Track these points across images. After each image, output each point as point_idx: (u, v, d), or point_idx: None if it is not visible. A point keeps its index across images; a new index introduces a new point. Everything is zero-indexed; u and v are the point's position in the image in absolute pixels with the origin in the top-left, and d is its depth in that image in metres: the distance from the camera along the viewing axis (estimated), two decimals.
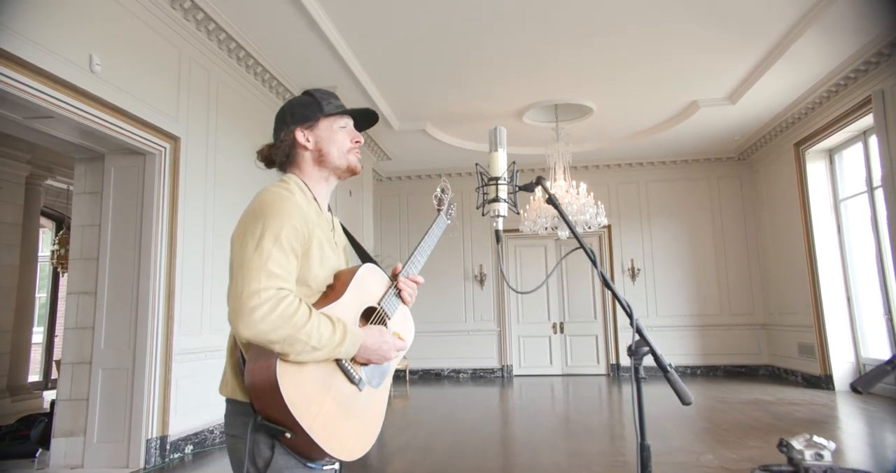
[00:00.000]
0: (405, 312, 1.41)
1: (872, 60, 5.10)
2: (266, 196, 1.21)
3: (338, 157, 1.34)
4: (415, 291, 1.40)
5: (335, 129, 1.35)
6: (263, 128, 5.21)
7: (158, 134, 3.82)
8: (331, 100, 1.37)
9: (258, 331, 1.06)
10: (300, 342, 1.08)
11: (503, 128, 1.42)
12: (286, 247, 1.15)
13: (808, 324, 6.68)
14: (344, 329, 1.16)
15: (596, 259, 1.20)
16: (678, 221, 8.29)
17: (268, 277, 1.10)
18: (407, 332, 1.39)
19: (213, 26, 4.23)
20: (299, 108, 1.35)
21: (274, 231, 1.14)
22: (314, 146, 1.33)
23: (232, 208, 4.64)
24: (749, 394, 6.19)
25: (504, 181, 1.34)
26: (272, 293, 1.09)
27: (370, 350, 1.21)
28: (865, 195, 6.01)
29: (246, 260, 1.12)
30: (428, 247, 1.47)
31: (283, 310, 1.08)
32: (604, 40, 4.80)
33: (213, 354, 4.26)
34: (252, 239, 1.14)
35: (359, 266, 1.30)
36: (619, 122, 6.83)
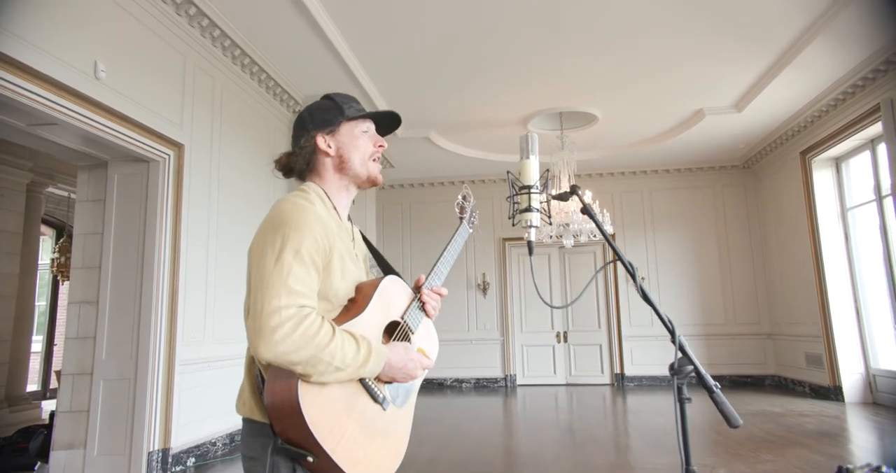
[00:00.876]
0: (429, 326, 1.35)
1: (881, 68, 5.07)
2: (285, 206, 1.16)
3: (360, 165, 1.29)
4: (438, 304, 1.35)
5: (357, 134, 1.30)
6: (267, 135, 5.19)
7: (162, 141, 3.78)
8: (352, 103, 1.32)
9: (279, 352, 1.00)
10: (323, 363, 1.02)
11: (535, 134, 1.37)
12: (307, 261, 1.09)
13: (816, 334, 6.61)
14: (368, 347, 1.10)
15: (636, 272, 1.14)
16: (682, 230, 8.24)
17: (288, 294, 1.04)
18: (431, 347, 1.34)
19: (218, 33, 4.20)
20: (319, 113, 1.30)
21: (294, 244, 1.09)
22: (336, 152, 1.28)
23: (236, 216, 4.60)
24: (757, 405, 6.11)
25: (536, 190, 1.28)
26: (293, 311, 1.03)
27: (395, 368, 1.16)
28: (874, 204, 5.96)
29: (265, 276, 1.06)
30: (451, 257, 1.41)
31: (305, 330, 1.02)
32: (610, 48, 4.77)
33: (215, 364, 4.19)
34: (271, 253, 1.08)
35: (381, 278, 1.24)
36: (625, 130, 6.80)
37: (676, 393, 1.06)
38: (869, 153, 6.03)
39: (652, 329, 8.15)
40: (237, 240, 4.59)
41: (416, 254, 8.58)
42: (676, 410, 1.03)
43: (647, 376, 8.08)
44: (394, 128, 1.41)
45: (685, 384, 1.08)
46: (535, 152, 1.33)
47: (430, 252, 8.21)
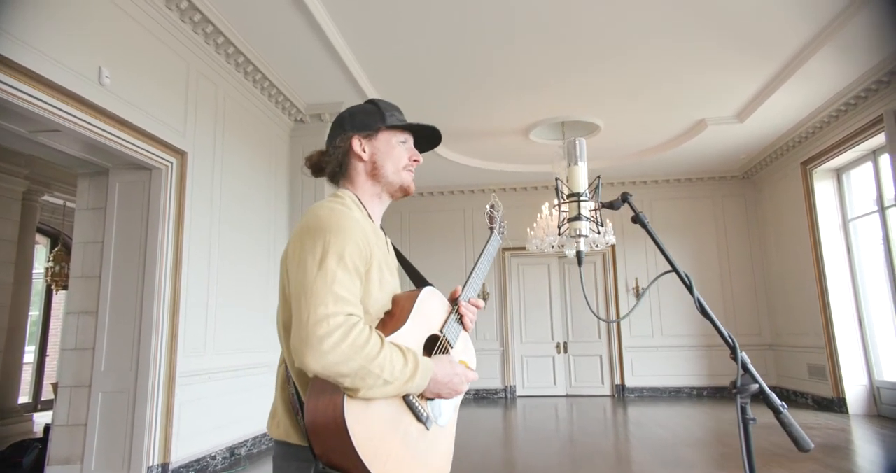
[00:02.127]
0: (466, 339, 1.30)
1: (884, 79, 5.08)
2: (322, 211, 1.10)
3: (392, 173, 1.24)
4: (476, 316, 1.29)
5: (394, 144, 1.26)
6: (269, 144, 5.13)
7: (165, 148, 3.71)
8: (394, 112, 1.28)
9: (328, 363, 0.94)
10: (372, 375, 0.96)
11: (582, 139, 1.32)
12: (350, 268, 1.04)
13: (819, 345, 6.58)
14: (415, 360, 1.04)
15: (692, 284, 1.09)
16: (683, 240, 8.22)
17: (335, 301, 0.98)
18: (471, 361, 1.28)
19: (222, 40, 4.16)
20: (360, 115, 1.26)
21: (337, 250, 1.03)
22: (369, 157, 1.24)
23: (237, 225, 4.53)
24: (762, 417, 5.92)
25: (586, 197, 1.23)
26: (341, 319, 0.97)
27: (441, 383, 1.09)
28: (876, 215, 5.97)
29: (308, 283, 1.00)
30: (485, 268, 1.36)
31: (355, 339, 0.96)
32: (613, 58, 4.76)
33: (217, 376, 4.10)
34: (313, 260, 1.02)
35: (419, 290, 1.19)
36: (627, 140, 6.80)
37: (740, 414, 1.00)
38: (871, 164, 6.04)
39: (652, 339, 8.11)
40: (239, 249, 4.52)
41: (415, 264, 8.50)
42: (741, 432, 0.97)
43: (648, 387, 8.02)
44: (433, 146, 1.36)
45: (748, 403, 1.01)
46: (583, 158, 1.28)
47: (429, 261, 8.14)
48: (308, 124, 5.55)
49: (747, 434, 0.98)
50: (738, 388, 1.01)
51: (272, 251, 5.09)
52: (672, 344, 8.04)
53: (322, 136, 4.97)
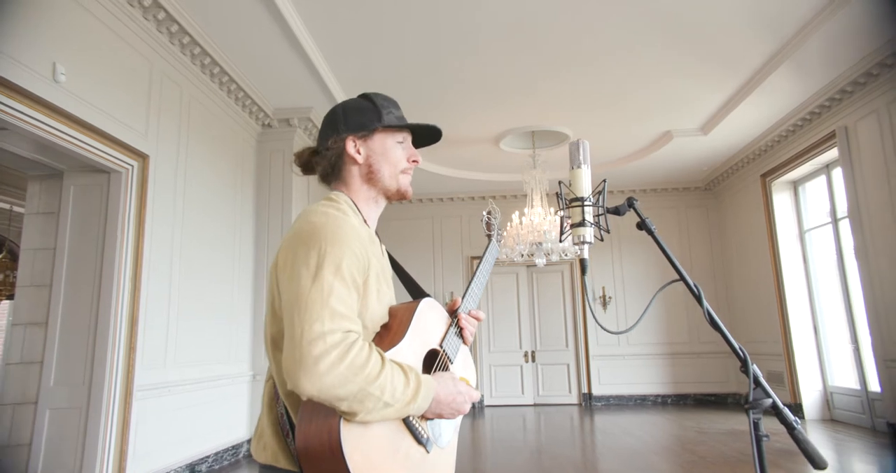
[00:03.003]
0: (466, 354, 1.23)
1: (836, 97, 5.30)
2: (316, 217, 1.02)
3: (389, 177, 1.17)
4: (476, 329, 1.23)
5: (390, 145, 1.18)
6: (235, 149, 4.97)
7: (126, 151, 3.54)
8: (391, 108, 1.19)
9: (325, 386, 0.86)
10: (372, 398, 0.89)
11: (586, 141, 1.27)
12: (348, 280, 0.96)
13: (777, 353, 6.77)
14: (417, 380, 0.96)
15: (702, 295, 1.05)
16: (648, 250, 8.36)
17: (332, 317, 0.90)
18: (471, 378, 1.21)
19: (188, 40, 4.01)
20: (355, 114, 1.17)
21: (334, 260, 0.95)
22: (365, 160, 1.16)
23: (202, 232, 4.35)
24: (725, 424, 6.18)
25: (589, 202, 1.19)
26: (339, 337, 0.89)
27: (443, 403, 1.02)
28: (829, 226, 6.20)
29: (302, 297, 0.92)
30: (484, 278, 1.30)
31: (353, 359, 0.88)
32: (583, 68, 4.82)
33: (177, 389, 3.91)
34: (307, 270, 0.94)
35: (417, 301, 1.11)
36: (595, 150, 6.88)
37: (753, 430, 0.96)
38: (824, 177, 6.28)
39: (619, 348, 8.20)
40: (203, 257, 4.34)
41: None
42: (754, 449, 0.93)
43: (615, 395, 8.09)
44: (432, 142, 1.28)
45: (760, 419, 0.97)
46: (587, 161, 1.24)
47: None
48: (276, 129, 5.41)
49: (760, 451, 0.94)
50: (750, 403, 0.97)
51: (237, 259, 4.92)
52: (637, 353, 8.14)
53: (290, 142, 4.84)
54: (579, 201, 1.19)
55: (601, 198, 1.21)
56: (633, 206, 1.16)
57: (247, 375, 4.96)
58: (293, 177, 5.34)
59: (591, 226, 1.17)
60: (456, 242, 8.52)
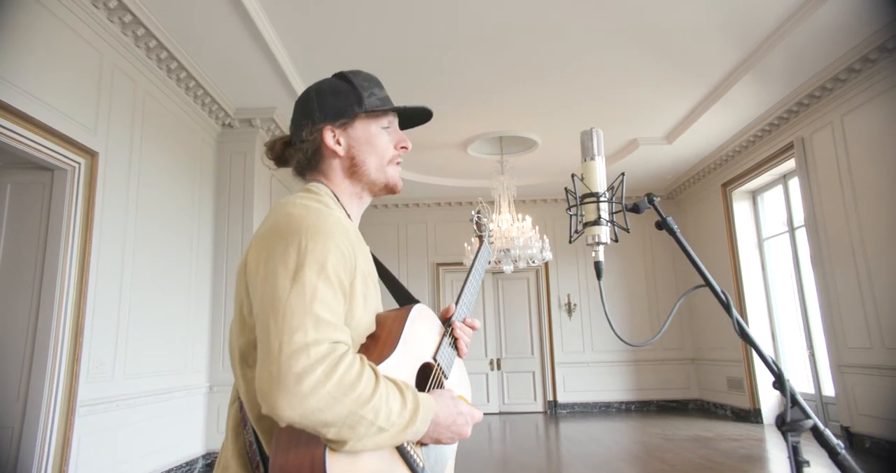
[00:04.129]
0: (461, 367, 1.10)
1: (794, 109, 5.45)
2: (295, 210, 0.86)
3: (376, 170, 1.03)
4: (470, 339, 1.11)
5: (375, 131, 1.03)
6: (193, 150, 4.74)
7: (72, 147, 3.30)
8: (373, 89, 1.05)
9: (308, 410, 0.71)
10: (364, 422, 0.74)
11: (599, 129, 1.17)
12: (334, 281, 0.81)
13: (737, 359, 6.90)
14: (415, 400, 0.82)
15: (730, 303, 0.98)
16: (612, 257, 8.43)
17: (316, 326, 0.75)
18: (467, 394, 1.09)
19: (143, 32, 3.79)
20: (330, 98, 1.02)
21: (317, 258, 0.80)
22: (346, 152, 1.02)
23: (156, 234, 4.11)
24: (688, 430, 6.23)
25: (605, 198, 1.08)
26: (325, 349, 0.74)
27: (442, 426, 0.88)
28: (786, 235, 6.36)
29: (280, 302, 0.77)
30: (477, 283, 1.19)
31: (343, 376, 0.74)
32: (553, 74, 4.80)
33: (125, 404, 3.65)
34: (285, 270, 0.79)
35: (408, 307, 0.97)
36: (563, 157, 6.90)
37: (792, 455, 0.86)
38: (781, 187, 6.45)
39: (583, 355, 8.22)
40: (157, 261, 4.10)
41: None
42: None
43: (580, 403, 8.09)
44: (421, 122, 1.15)
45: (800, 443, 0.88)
46: (601, 152, 1.13)
47: None
48: (237, 129, 5.20)
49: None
50: (788, 424, 0.86)
51: (194, 264, 4.67)
52: (602, 360, 8.17)
53: (252, 143, 4.61)
54: (593, 197, 1.07)
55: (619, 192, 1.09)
56: (653, 203, 1.05)
57: (203, 386, 4.71)
58: (254, 181, 5.13)
59: (606, 225, 1.06)
60: (422, 249, 8.40)
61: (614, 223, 1.06)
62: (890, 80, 4.43)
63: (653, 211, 1.11)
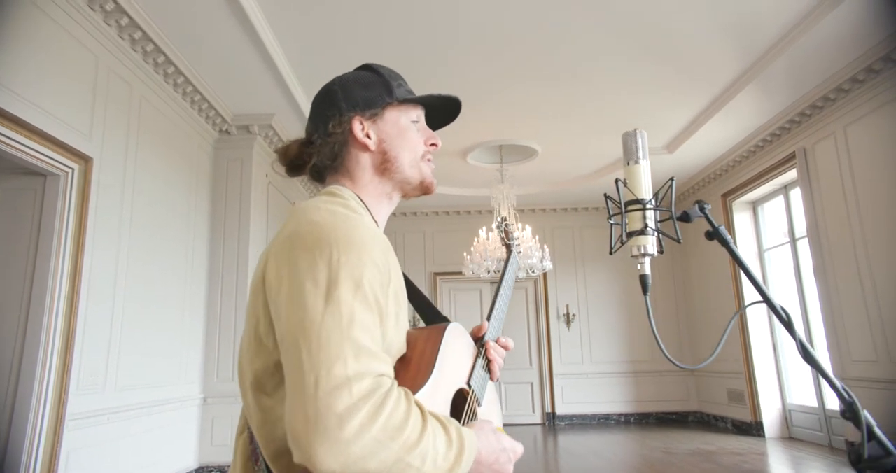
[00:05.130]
0: (493, 392, 1.01)
1: (797, 120, 5.42)
2: (319, 216, 0.76)
3: (409, 165, 0.94)
4: (503, 361, 1.02)
5: (405, 124, 0.95)
6: (190, 157, 4.66)
7: (65, 152, 3.21)
8: (400, 81, 0.98)
9: (352, 459, 0.61)
10: (411, 469, 0.65)
11: (643, 131, 1.09)
12: (371, 301, 0.71)
13: (738, 371, 6.82)
14: (460, 438, 0.72)
15: (791, 321, 0.90)
16: (610, 267, 8.37)
17: (357, 356, 0.65)
18: (498, 421, 1.00)
19: (140, 35, 3.72)
20: (358, 88, 0.94)
21: (351, 273, 0.70)
22: (377, 146, 0.93)
23: (151, 243, 4.01)
24: (689, 443, 6.14)
25: (651, 206, 0.99)
26: (369, 385, 0.65)
27: (484, 465, 0.77)
28: (787, 246, 6.32)
29: (313, 327, 0.66)
30: (507, 295, 1.11)
31: (390, 417, 0.64)
32: (553, 80, 4.75)
33: (116, 416, 3.54)
34: (315, 288, 0.68)
35: (442, 326, 0.88)
36: (563, 166, 6.85)
37: None
38: (782, 198, 6.42)
39: (582, 366, 8.13)
40: (152, 271, 4.00)
41: None
42: None
43: (578, 414, 7.99)
44: (447, 121, 1.07)
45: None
46: (646, 156, 1.04)
47: None
48: (234, 136, 5.12)
49: None
50: (865, 462, 0.74)
51: (190, 273, 4.57)
52: (601, 371, 8.08)
53: (249, 150, 4.52)
54: (639, 204, 0.97)
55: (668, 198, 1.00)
56: (704, 212, 0.96)
57: (197, 398, 4.59)
58: (251, 188, 5.05)
59: (653, 235, 0.97)
60: (419, 259, 8.32)
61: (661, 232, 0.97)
62: (893, 91, 4.41)
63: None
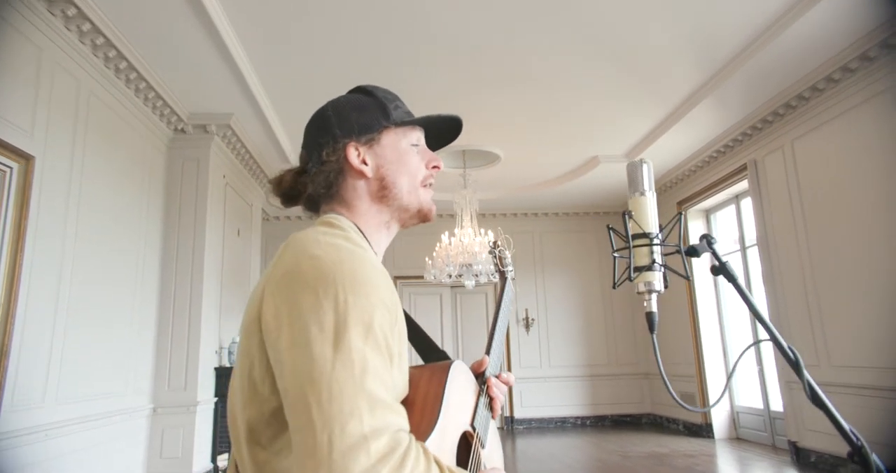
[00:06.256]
0: (494, 431, 0.96)
1: (748, 133, 5.63)
2: (320, 250, 0.70)
3: (408, 193, 0.88)
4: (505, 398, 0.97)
5: (404, 148, 0.90)
6: (143, 157, 4.44)
7: (3, 150, 2.99)
8: (397, 102, 0.93)
9: None
10: None
11: (649, 160, 1.05)
12: (382, 346, 0.66)
13: (690, 374, 7.03)
14: None
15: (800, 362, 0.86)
16: (570, 272, 8.49)
17: (372, 409, 0.60)
18: (499, 461, 0.96)
19: (89, 27, 3.51)
20: (353, 112, 0.89)
21: (361, 316, 0.65)
22: (375, 172, 0.87)
23: (99, 249, 3.80)
24: (644, 447, 6.27)
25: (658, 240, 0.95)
26: (387, 443, 0.60)
27: None
28: (738, 253, 6.55)
29: (323, 377, 0.61)
30: (504, 326, 1.06)
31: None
32: (518, 89, 4.77)
33: (58, 432, 3.32)
34: (321, 333, 0.63)
35: (445, 365, 0.82)
36: (525, 172, 6.90)
37: None
38: (734, 207, 6.66)
39: (540, 370, 8.20)
40: (99, 277, 3.78)
41: None
42: None
43: (536, 418, 8.06)
44: (448, 141, 1.02)
45: None
46: (651, 187, 1.00)
47: None
48: (190, 135, 4.91)
49: None
50: None
51: (140, 280, 4.35)
52: (559, 375, 8.18)
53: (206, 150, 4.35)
54: (646, 238, 0.93)
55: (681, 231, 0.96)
56: (711, 247, 0.93)
57: (146, 408, 4.38)
58: (208, 190, 4.86)
59: (660, 271, 0.93)
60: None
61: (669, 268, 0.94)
62: (835, 110, 4.63)
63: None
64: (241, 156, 5.59)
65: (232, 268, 5.56)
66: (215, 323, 5.07)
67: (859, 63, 4.24)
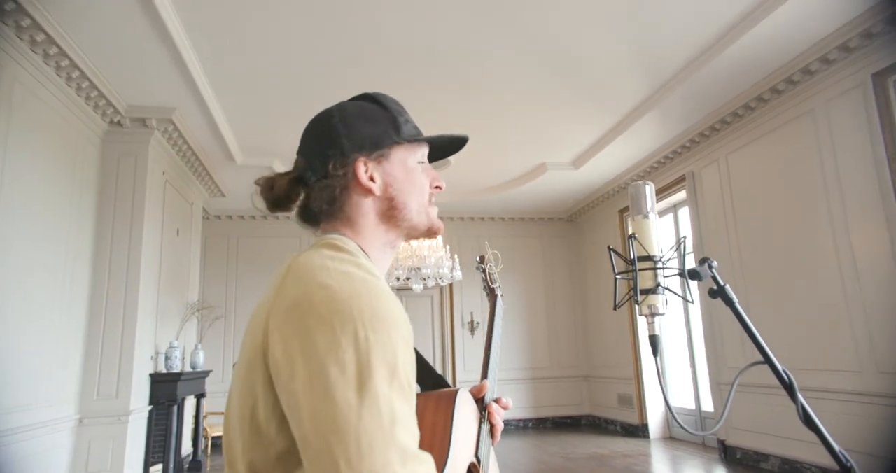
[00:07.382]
0: (493, 458, 0.94)
1: (687, 145, 5.91)
2: (332, 279, 0.64)
3: (417, 212, 0.84)
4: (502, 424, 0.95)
5: (412, 166, 0.85)
6: (75, 151, 4.16)
7: None
8: (406, 115, 0.88)
9: None
10: None
11: (650, 182, 1.05)
12: (406, 389, 0.61)
13: (628, 376, 7.28)
14: None
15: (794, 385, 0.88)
16: (514, 277, 8.60)
17: (403, 462, 0.56)
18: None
19: (13, 6, 3.24)
20: (363, 124, 0.83)
21: (385, 357, 0.59)
22: (383, 191, 0.82)
23: (21, 249, 3.51)
24: (584, 448, 6.44)
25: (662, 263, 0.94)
26: None
27: None
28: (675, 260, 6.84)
29: (347, 426, 0.55)
30: (498, 347, 1.04)
31: None
32: (472, 94, 4.79)
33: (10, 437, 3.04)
34: (342, 375, 0.57)
35: (449, 397, 0.78)
36: (474, 176, 6.94)
37: None
38: (672, 216, 6.96)
39: None
40: (21, 277, 3.49)
41: (240, 296, 7.63)
42: None
43: None
44: (447, 155, 0.98)
45: None
46: (654, 209, 1.00)
47: (255, 295, 7.36)
48: (128, 129, 4.63)
49: None
50: None
51: (69, 277, 4.06)
52: (502, 378, 8.27)
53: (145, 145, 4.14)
54: (650, 261, 0.93)
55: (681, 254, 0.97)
56: (712, 270, 0.95)
57: (71, 419, 4.08)
58: (146, 187, 4.60)
59: (664, 294, 0.93)
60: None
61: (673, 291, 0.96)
62: (763, 128, 4.96)
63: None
64: (182, 152, 5.34)
65: (170, 269, 5.29)
66: (151, 327, 4.81)
67: (785, 85, 4.55)
